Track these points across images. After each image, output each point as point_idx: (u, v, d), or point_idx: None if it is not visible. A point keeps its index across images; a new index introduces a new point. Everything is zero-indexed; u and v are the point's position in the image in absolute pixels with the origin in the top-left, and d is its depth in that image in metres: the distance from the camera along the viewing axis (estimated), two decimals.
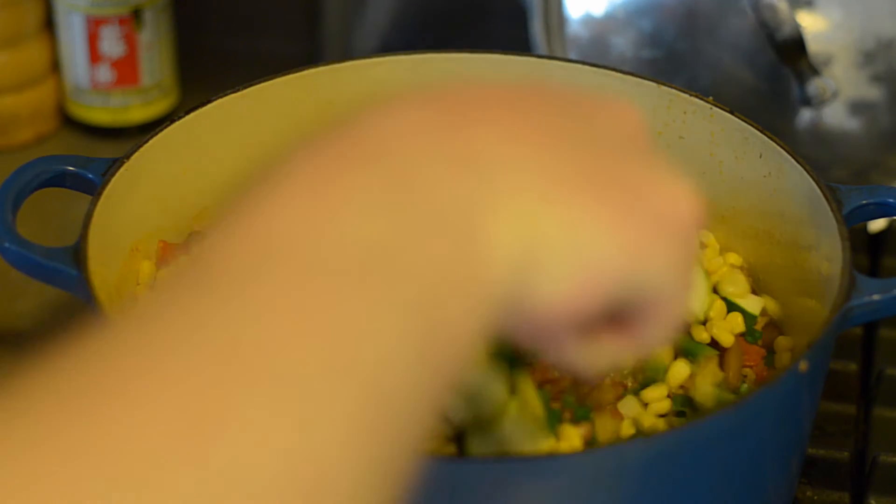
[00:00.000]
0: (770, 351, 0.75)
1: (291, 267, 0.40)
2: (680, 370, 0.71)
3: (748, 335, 0.75)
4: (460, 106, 0.47)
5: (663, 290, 0.50)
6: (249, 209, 0.43)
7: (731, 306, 0.76)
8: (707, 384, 0.71)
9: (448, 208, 0.43)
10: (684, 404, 0.71)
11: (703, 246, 0.80)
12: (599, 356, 0.52)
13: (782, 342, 0.76)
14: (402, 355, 0.41)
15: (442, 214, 0.43)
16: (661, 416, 0.70)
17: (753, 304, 0.77)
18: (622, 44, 1.01)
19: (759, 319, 0.76)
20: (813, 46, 0.99)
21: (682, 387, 0.71)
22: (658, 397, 0.70)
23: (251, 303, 0.39)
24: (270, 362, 0.38)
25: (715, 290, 0.77)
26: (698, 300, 0.75)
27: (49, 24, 1.08)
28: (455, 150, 0.45)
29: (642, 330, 0.52)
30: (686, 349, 0.73)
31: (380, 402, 0.39)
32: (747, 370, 0.73)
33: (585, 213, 0.47)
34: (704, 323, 0.75)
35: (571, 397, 0.69)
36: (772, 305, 0.78)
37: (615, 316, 0.51)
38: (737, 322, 0.75)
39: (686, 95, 0.82)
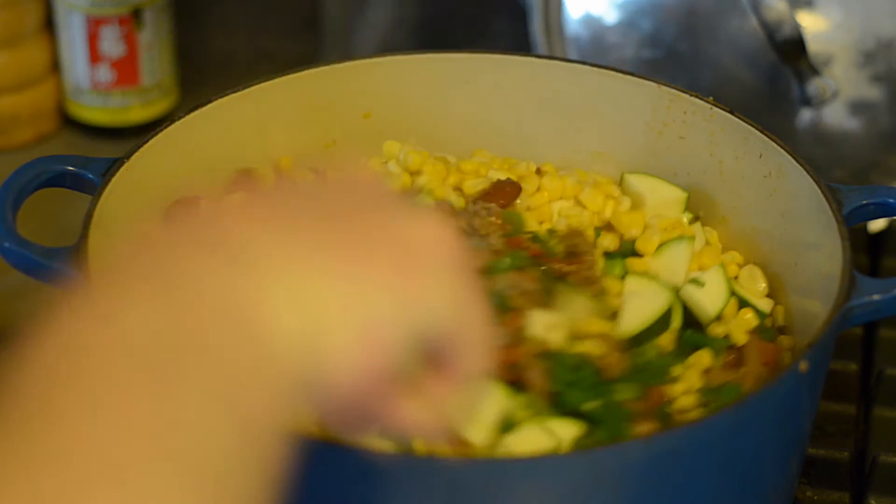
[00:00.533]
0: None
1: (93, 375, 0.42)
2: (702, 359, 0.72)
3: (762, 333, 0.75)
4: (210, 214, 0.49)
5: (454, 320, 0.52)
6: (43, 334, 0.46)
7: (743, 304, 0.76)
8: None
9: (220, 297, 0.45)
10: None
11: (707, 243, 0.81)
12: (426, 408, 0.53)
13: (782, 342, 0.76)
14: (221, 434, 0.42)
15: (215, 303, 0.45)
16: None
17: (765, 303, 0.77)
18: (622, 44, 1.01)
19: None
20: (813, 46, 0.99)
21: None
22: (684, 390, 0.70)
23: (64, 414, 0.41)
24: (104, 463, 0.40)
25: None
26: (719, 297, 0.75)
27: (49, 24, 1.08)
28: (209, 243, 0.47)
29: (456, 365, 0.53)
30: (701, 343, 0.73)
31: (215, 486, 0.41)
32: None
33: (349, 275, 0.48)
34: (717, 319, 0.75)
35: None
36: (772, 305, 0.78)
37: (432, 369, 0.53)
38: (749, 319, 0.75)
39: (686, 95, 0.82)
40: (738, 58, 1.01)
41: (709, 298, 0.75)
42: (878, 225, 0.98)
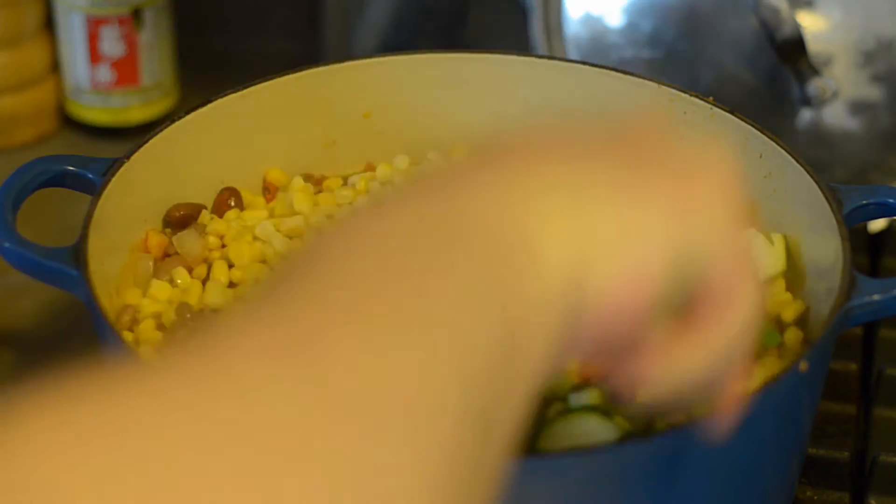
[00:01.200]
0: None
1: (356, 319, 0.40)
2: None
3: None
4: (497, 154, 0.49)
5: (723, 267, 0.49)
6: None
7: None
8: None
9: (493, 230, 0.44)
10: None
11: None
12: (677, 365, 0.50)
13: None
14: (489, 367, 0.41)
15: (490, 237, 0.44)
16: None
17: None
18: (622, 44, 1.01)
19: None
20: (813, 46, 0.99)
21: None
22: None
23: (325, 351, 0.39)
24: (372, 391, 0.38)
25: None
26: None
27: (49, 24, 1.08)
28: (492, 179, 0.46)
29: (715, 320, 0.50)
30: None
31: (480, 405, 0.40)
32: None
33: (623, 206, 0.47)
34: None
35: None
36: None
37: (686, 322, 0.50)
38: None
39: (686, 95, 0.82)
40: (738, 58, 1.01)
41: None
42: (878, 225, 0.98)
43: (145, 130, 0.86)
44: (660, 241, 0.47)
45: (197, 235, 0.78)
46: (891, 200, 0.75)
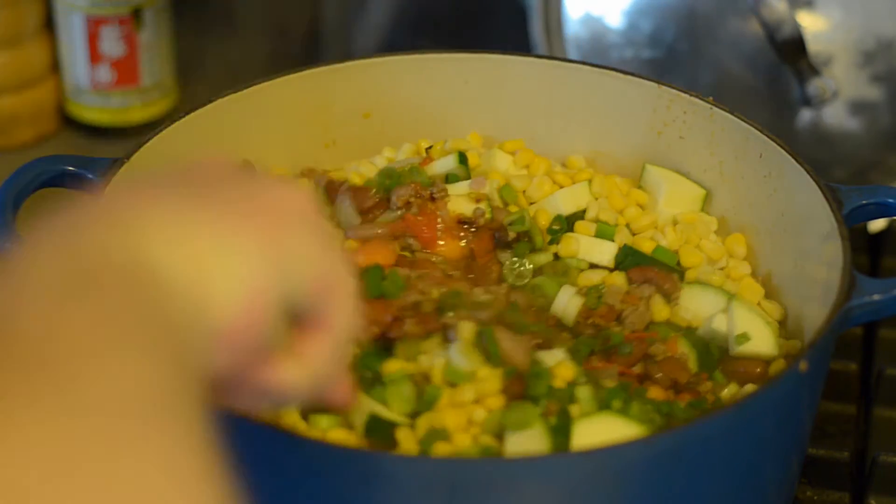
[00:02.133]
0: None
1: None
2: None
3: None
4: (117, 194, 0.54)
5: (319, 275, 0.55)
6: None
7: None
8: None
9: (106, 245, 0.48)
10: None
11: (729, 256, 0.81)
12: (299, 368, 0.56)
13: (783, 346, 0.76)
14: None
15: (103, 252, 0.48)
16: None
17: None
18: (622, 44, 1.01)
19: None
20: (813, 46, 0.99)
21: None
22: None
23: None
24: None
25: None
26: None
27: (49, 24, 1.08)
28: (113, 216, 0.51)
29: (325, 322, 0.56)
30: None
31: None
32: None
33: (227, 235, 0.52)
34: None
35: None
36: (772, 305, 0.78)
37: (303, 329, 0.56)
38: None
39: (686, 95, 0.83)
40: (738, 58, 1.01)
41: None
42: (878, 225, 0.98)
43: (145, 130, 0.86)
44: (262, 259, 0.53)
45: None
46: (891, 200, 0.75)
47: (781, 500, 0.73)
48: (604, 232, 0.80)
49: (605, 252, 0.79)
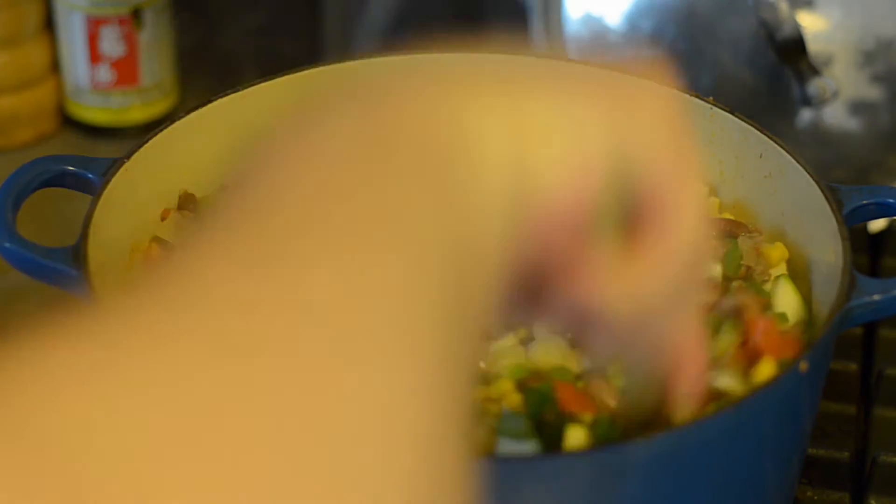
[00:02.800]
0: None
1: (317, 236, 0.38)
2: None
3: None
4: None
5: (665, 174, 0.46)
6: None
7: None
8: None
9: (429, 130, 0.43)
10: None
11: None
12: (631, 282, 0.46)
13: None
14: (442, 302, 0.38)
15: (427, 138, 0.43)
16: None
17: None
18: (622, 44, 1.01)
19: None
20: (813, 46, 0.99)
21: None
22: None
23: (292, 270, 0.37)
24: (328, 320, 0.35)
25: None
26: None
27: (49, 24, 1.08)
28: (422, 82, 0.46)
29: (663, 236, 0.46)
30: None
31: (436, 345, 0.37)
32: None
33: (561, 100, 0.45)
34: None
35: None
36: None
37: (632, 239, 0.47)
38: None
39: (686, 95, 0.82)
40: (738, 58, 1.01)
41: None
42: (878, 225, 0.98)
43: (145, 130, 0.86)
44: (600, 138, 0.45)
45: None
46: (891, 200, 0.75)
47: (781, 501, 0.73)
48: None
49: None
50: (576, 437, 0.64)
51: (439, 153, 0.42)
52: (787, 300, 0.73)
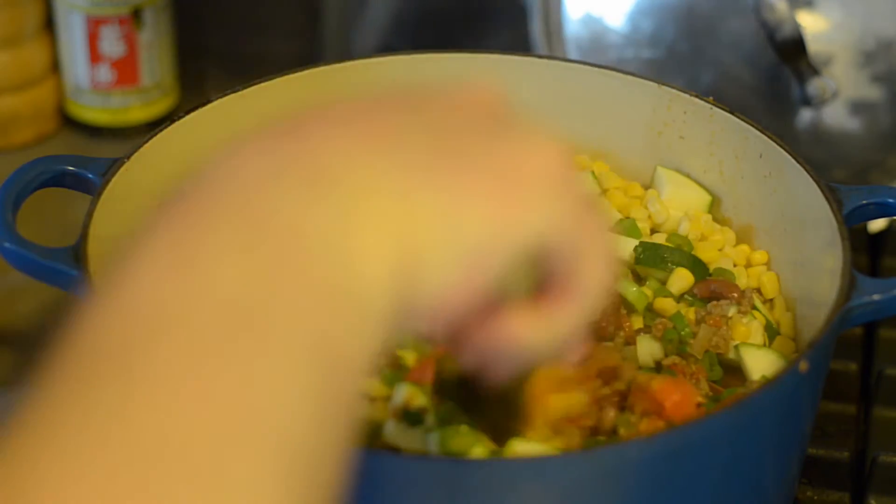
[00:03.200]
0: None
1: (171, 336, 0.39)
2: None
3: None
4: (303, 126, 0.46)
5: (565, 243, 0.48)
6: (117, 282, 0.41)
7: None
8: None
9: (311, 235, 0.42)
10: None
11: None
12: (540, 325, 0.50)
13: (781, 343, 0.76)
14: (306, 400, 0.39)
15: (307, 244, 0.42)
16: None
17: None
18: (622, 44, 1.01)
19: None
20: (813, 46, 0.99)
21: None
22: None
23: (143, 383, 0.37)
24: (178, 441, 0.36)
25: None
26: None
27: (49, 24, 1.08)
28: (303, 170, 0.43)
29: (572, 284, 0.50)
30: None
31: (294, 457, 0.39)
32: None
33: (448, 195, 0.45)
34: None
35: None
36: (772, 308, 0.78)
37: (545, 292, 0.50)
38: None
39: (686, 95, 0.83)
40: (738, 58, 1.01)
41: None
42: (878, 225, 0.98)
43: (145, 130, 0.86)
44: (491, 226, 0.46)
45: None
46: (891, 200, 0.75)
47: (781, 501, 0.73)
48: (624, 228, 0.79)
49: (625, 247, 0.78)
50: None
51: (318, 253, 0.42)
52: (755, 363, 0.73)
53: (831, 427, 0.83)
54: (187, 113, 0.80)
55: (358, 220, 0.43)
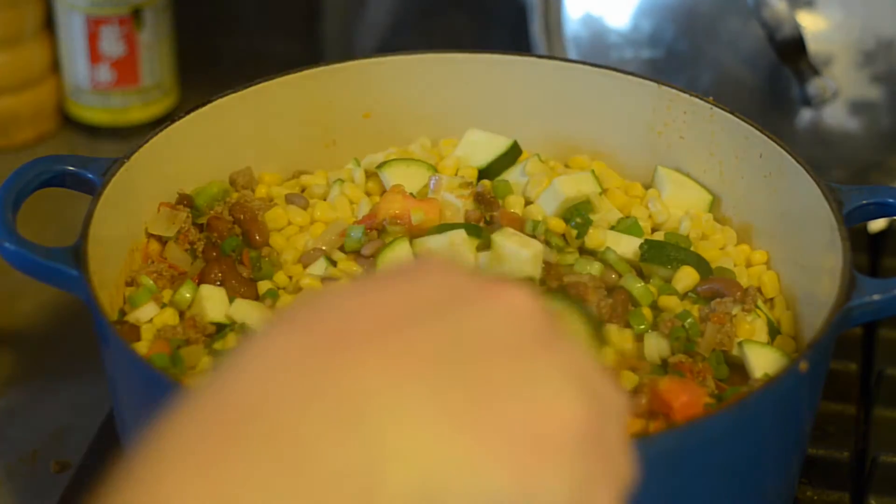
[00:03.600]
0: None
1: None
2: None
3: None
4: (337, 333, 0.47)
5: None
6: None
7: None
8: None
9: (341, 472, 0.44)
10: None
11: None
12: None
13: (781, 341, 0.76)
14: None
15: (335, 482, 0.43)
16: None
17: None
18: (622, 44, 1.01)
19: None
20: (813, 46, 0.99)
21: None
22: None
23: None
24: None
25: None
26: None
27: (49, 24, 1.08)
28: (333, 399, 0.45)
29: None
30: None
31: None
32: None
33: (473, 438, 0.46)
34: None
35: None
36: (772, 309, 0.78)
37: None
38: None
39: (686, 95, 0.83)
40: (738, 58, 1.01)
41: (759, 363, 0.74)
42: (878, 225, 0.98)
43: (145, 130, 0.86)
44: (502, 484, 0.46)
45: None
46: (891, 200, 0.75)
47: (781, 500, 0.73)
48: (627, 227, 0.80)
49: (629, 245, 0.78)
50: None
51: (347, 485, 0.44)
52: (758, 361, 0.73)
53: (831, 427, 0.83)
54: (187, 113, 0.80)
55: (384, 454, 0.44)
